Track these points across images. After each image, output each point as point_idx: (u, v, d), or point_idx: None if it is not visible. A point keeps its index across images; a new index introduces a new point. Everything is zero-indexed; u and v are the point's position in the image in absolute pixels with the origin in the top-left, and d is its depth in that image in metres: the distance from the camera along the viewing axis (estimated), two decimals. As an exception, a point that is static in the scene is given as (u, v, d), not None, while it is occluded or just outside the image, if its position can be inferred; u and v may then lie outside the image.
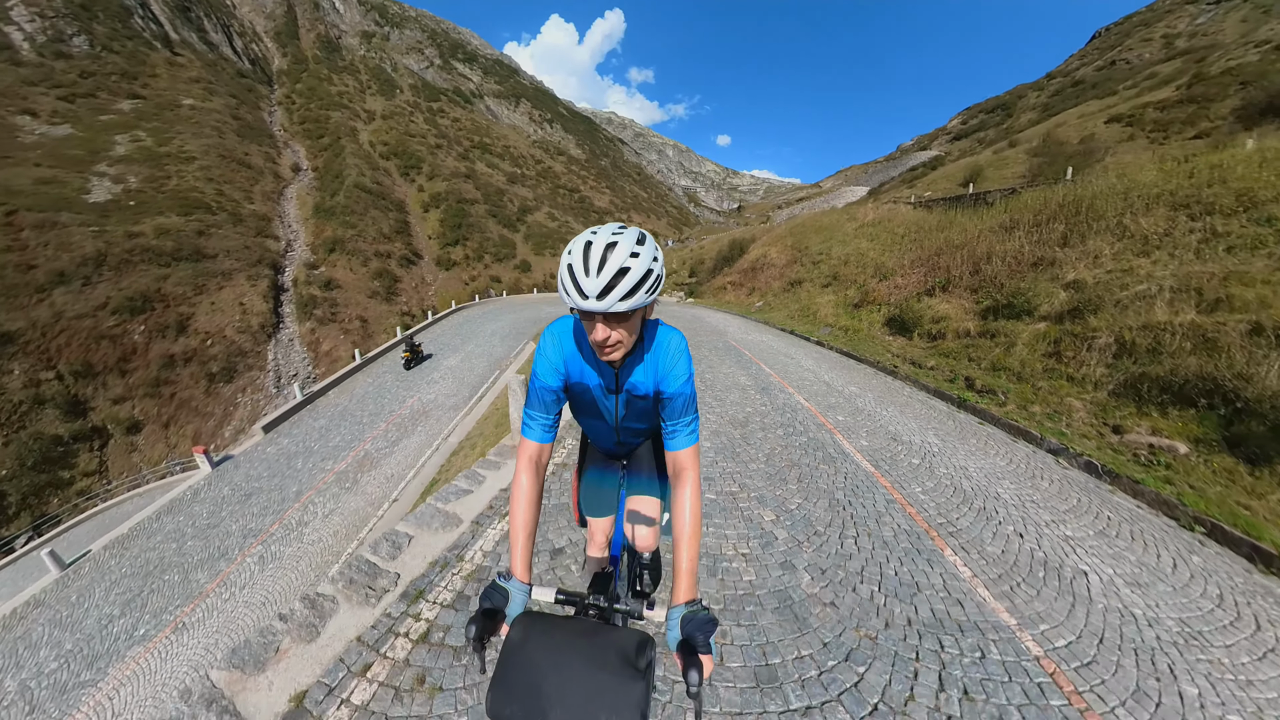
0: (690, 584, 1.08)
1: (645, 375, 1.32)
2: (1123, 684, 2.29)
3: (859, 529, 3.54)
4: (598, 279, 1.01)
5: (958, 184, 30.39)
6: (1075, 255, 8.45)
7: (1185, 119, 24.68)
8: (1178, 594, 3.02)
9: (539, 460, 1.28)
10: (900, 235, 17.50)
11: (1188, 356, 5.31)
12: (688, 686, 0.85)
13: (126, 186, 33.22)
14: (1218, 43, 48.24)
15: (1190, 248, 6.95)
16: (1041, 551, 3.38)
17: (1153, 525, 3.82)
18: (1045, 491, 4.30)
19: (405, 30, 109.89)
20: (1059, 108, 54.64)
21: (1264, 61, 26.42)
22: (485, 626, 0.99)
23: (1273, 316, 4.99)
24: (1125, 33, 74.51)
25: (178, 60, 56.60)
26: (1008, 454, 5.12)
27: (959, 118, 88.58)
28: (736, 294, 25.35)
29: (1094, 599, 2.91)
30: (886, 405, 6.72)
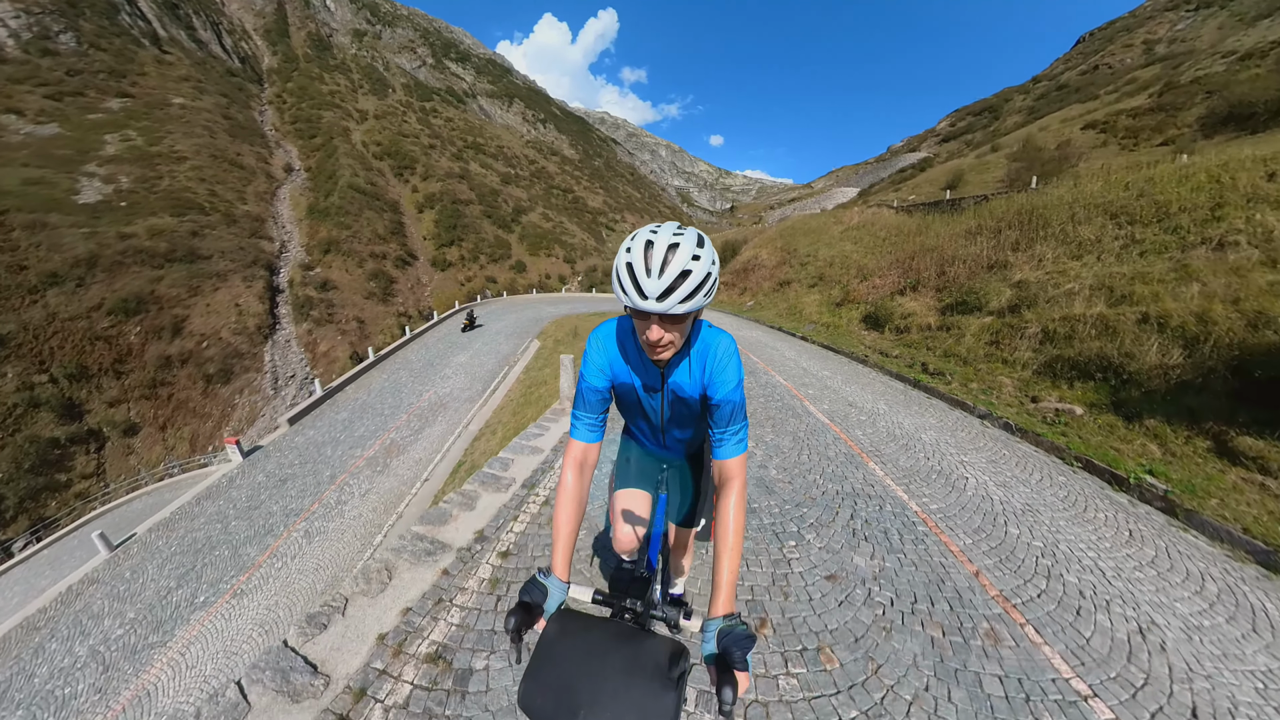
0: (730, 596, 1.04)
1: (691, 376, 1.29)
2: (971, 526, 3.65)
3: (812, 452, 4.97)
4: (659, 280, 1.00)
5: (940, 188, 31.12)
6: (1024, 259, 9.63)
7: (1154, 126, 25.53)
8: (1032, 491, 4.27)
9: (584, 460, 1.28)
10: (882, 238, 18.50)
11: (1093, 341, 6.50)
12: (720, 704, 0.82)
13: (118, 187, 32.89)
14: (1195, 49, 49.55)
15: (1114, 252, 8.11)
16: (940, 467, 4.68)
17: (1039, 461, 4.95)
18: (960, 439, 5.52)
19: (397, 29, 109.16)
20: (1044, 111, 55.78)
21: (1229, 72, 27.31)
22: (523, 619, 1.00)
23: (1158, 309, 6.17)
24: (1109, 38, 76.06)
25: (166, 58, 55.90)
26: (940, 417, 6.33)
27: (948, 120, 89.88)
28: (729, 294, 25.89)
29: (968, 490, 4.23)
30: (851, 384, 7.98)
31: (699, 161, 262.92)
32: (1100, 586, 3.04)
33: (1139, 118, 27.13)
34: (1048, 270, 8.69)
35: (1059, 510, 3.95)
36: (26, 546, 14.75)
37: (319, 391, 14.39)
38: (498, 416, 9.75)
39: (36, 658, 5.89)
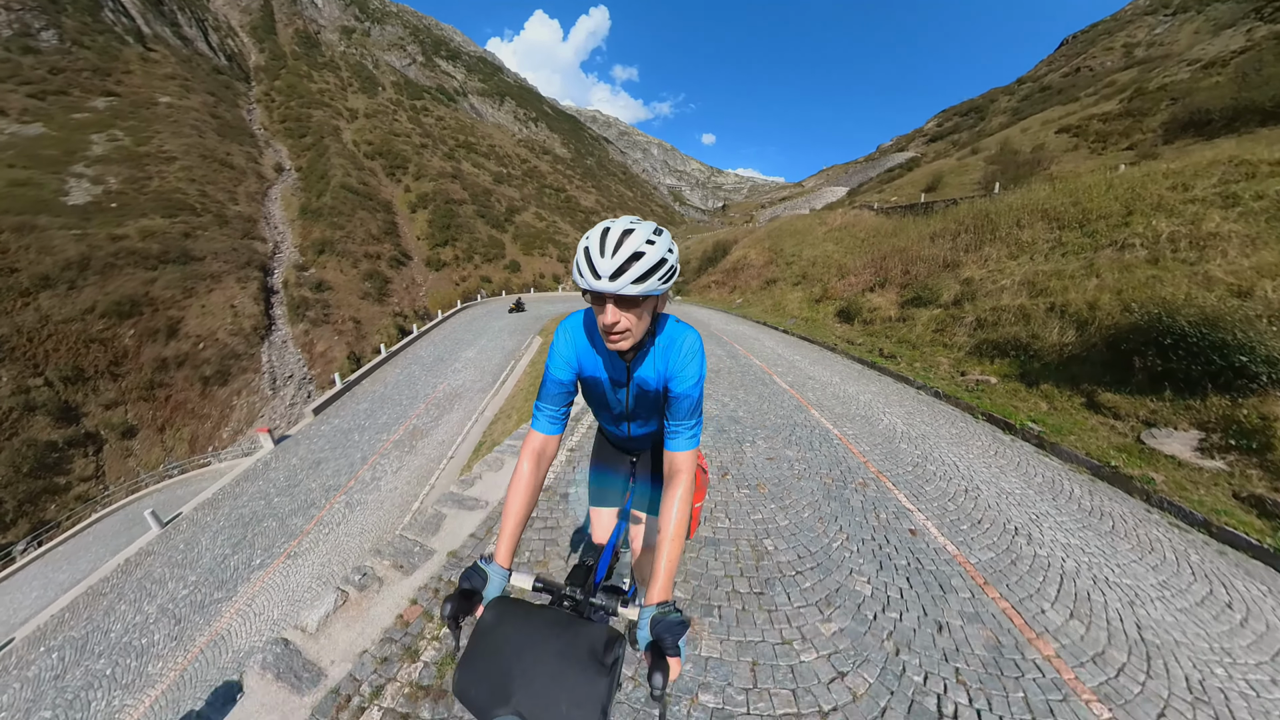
0: (666, 585, 1.06)
1: (655, 369, 1.30)
2: (873, 442, 5.23)
3: (771, 404, 6.59)
4: (612, 260, 1.02)
5: (921, 189, 32.00)
6: (973, 259, 11.05)
7: (1122, 131, 26.42)
8: (929, 429, 5.80)
9: (543, 451, 1.29)
10: (861, 239, 19.69)
11: (1011, 327, 7.95)
12: (651, 689, 0.85)
13: (107, 188, 32.60)
14: (1172, 52, 50.95)
15: (1044, 253, 9.40)
16: (865, 414, 6.27)
17: (951, 414, 6.45)
18: (890, 400, 7.03)
19: (386, 26, 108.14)
20: (1027, 112, 56.95)
21: (1192, 79, 28.24)
22: (460, 606, 1.00)
23: (1064, 299, 7.51)
24: (1090, 40, 77.60)
25: (151, 56, 55.11)
26: (883, 387, 7.81)
27: (935, 120, 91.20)
28: (720, 292, 26.64)
29: (880, 426, 5.78)
30: (815, 365, 9.43)
31: (691, 160, 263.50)
32: (950, 471, 4.56)
33: (1109, 122, 28.04)
34: (990, 269, 9.99)
35: (945, 439, 5.46)
36: (27, 550, 14.90)
37: (338, 384, 15.06)
38: (511, 403, 10.42)
39: (108, 617, 6.54)
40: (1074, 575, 3.12)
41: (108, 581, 7.25)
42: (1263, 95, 18.76)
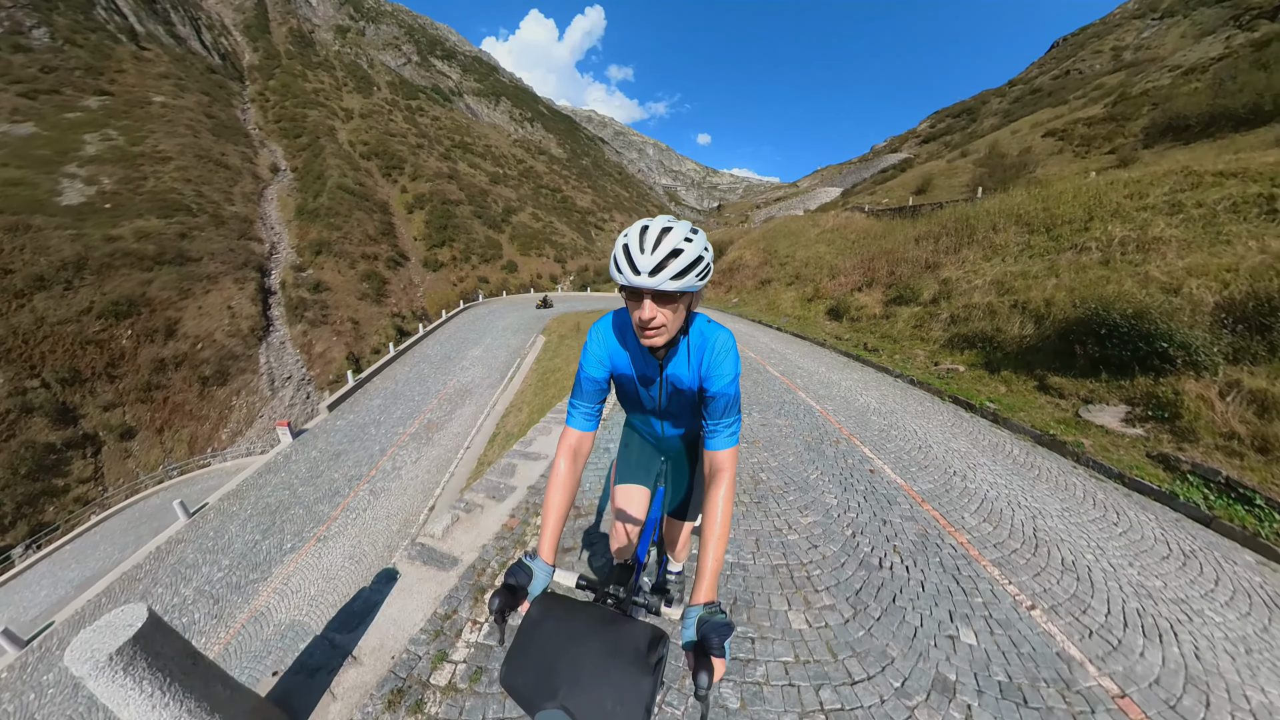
0: (712, 585, 1.06)
1: (689, 368, 1.32)
2: (848, 415, 6.10)
3: (764, 388, 7.51)
4: (652, 256, 1.04)
5: (911, 191, 32.45)
6: (952, 260, 11.85)
7: (1105, 135, 26.90)
8: (898, 406, 6.73)
9: (578, 448, 1.31)
10: (852, 241, 20.37)
11: (980, 322, 8.84)
12: (696, 688, 0.85)
13: (101, 188, 32.44)
14: (1158, 56, 51.78)
15: (1014, 255, 10.16)
16: (844, 395, 7.19)
17: (921, 396, 7.40)
18: (867, 385, 7.92)
19: (381, 25, 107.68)
20: (1018, 114, 57.67)
21: (1173, 85, 28.76)
22: (507, 601, 1.01)
23: (1026, 297, 8.42)
24: (1080, 44, 78.54)
25: (145, 55, 54.70)
26: (863, 375, 8.74)
27: (928, 121, 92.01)
28: (716, 292, 27.13)
29: (856, 404, 6.72)
30: (805, 358, 10.25)
31: (686, 160, 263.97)
32: (910, 435, 5.55)
33: (1093, 126, 28.55)
34: (965, 270, 10.79)
35: (910, 414, 6.48)
36: (26, 554, 14.95)
37: (351, 381, 15.45)
38: (520, 398, 10.81)
39: (146, 599, 6.76)
40: (993, 499, 4.09)
41: (140, 568, 7.55)
42: (1236, 102, 19.26)
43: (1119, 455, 4.90)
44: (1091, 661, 2.44)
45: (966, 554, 3.31)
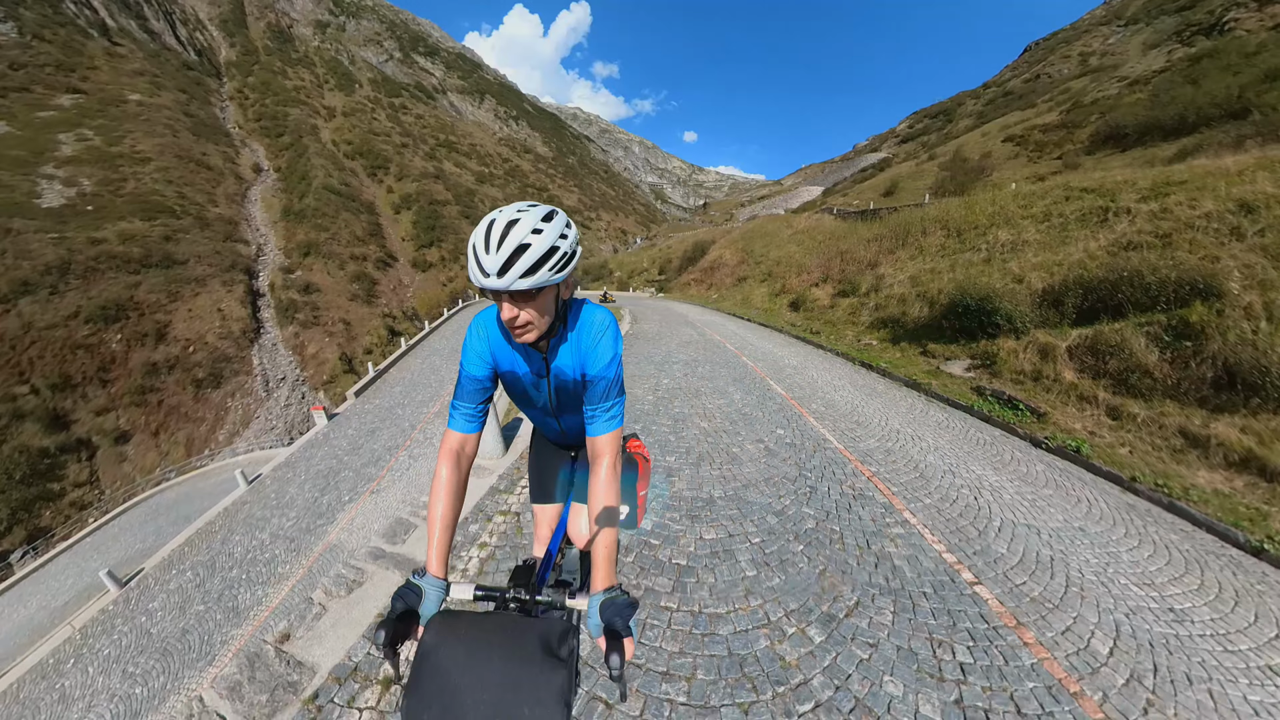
0: (609, 570, 1.06)
1: (571, 358, 1.28)
2: (780, 376, 8.18)
3: (721, 360, 9.11)
4: (496, 255, 0.97)
5: (881, 193, 33.85)
6: (889, 259, 13.95)
7: (1056, 141, 28.39)
8: (815, 365, 9.07)
9: (461, 451, 1.24)
10: (819, 241, 21.87)
11: (894, 308, 10.97)
12: (609, 670, 0.85)
13: (81, 190, 31.90)
14: (1121, 61, 54.15)
15: (932, 255, 12.07)
16: (783, 365, 8.98)
17: (838, 361, 9.53)
18: (803, 357, 9.94)
19: (362, 20, 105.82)
20: (991, 116, 59.60)
21: (1119, 95, 30.35)
22: (397, 631, 0.93)
23: (928, 288, 10.37)
24: (1050, 48, 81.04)
25: (118, 50, 53.29)
26: (802, 351, 10.77)
27: (907, 121, 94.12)
28: (698, 289, 28.39)
29: (788, 367, 8.78)
30: (760, 340, 12.18)
31: (672, 158, 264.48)
32: (809, 379, 7.71)
33: (1048, 133, 30.08)
34: (895, 267, 12.85)
35: (818, 369, 8.83)
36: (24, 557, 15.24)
37: (372, 372, 16.78)
38: None
39: (226, 545, 7.88)
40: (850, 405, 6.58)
41: (214, 524, 8.53)
42: (1166, 114, 20.70)
43: (953, 389, 7.21)
44: (890, 487, 4.17)
45: (816, 429, 5.58)
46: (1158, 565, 3.18)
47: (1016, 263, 9.12)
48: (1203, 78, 22.76)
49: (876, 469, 4.46)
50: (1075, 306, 6.94)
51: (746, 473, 4.26)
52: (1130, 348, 5.57)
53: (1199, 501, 3.84)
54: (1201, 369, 4.92)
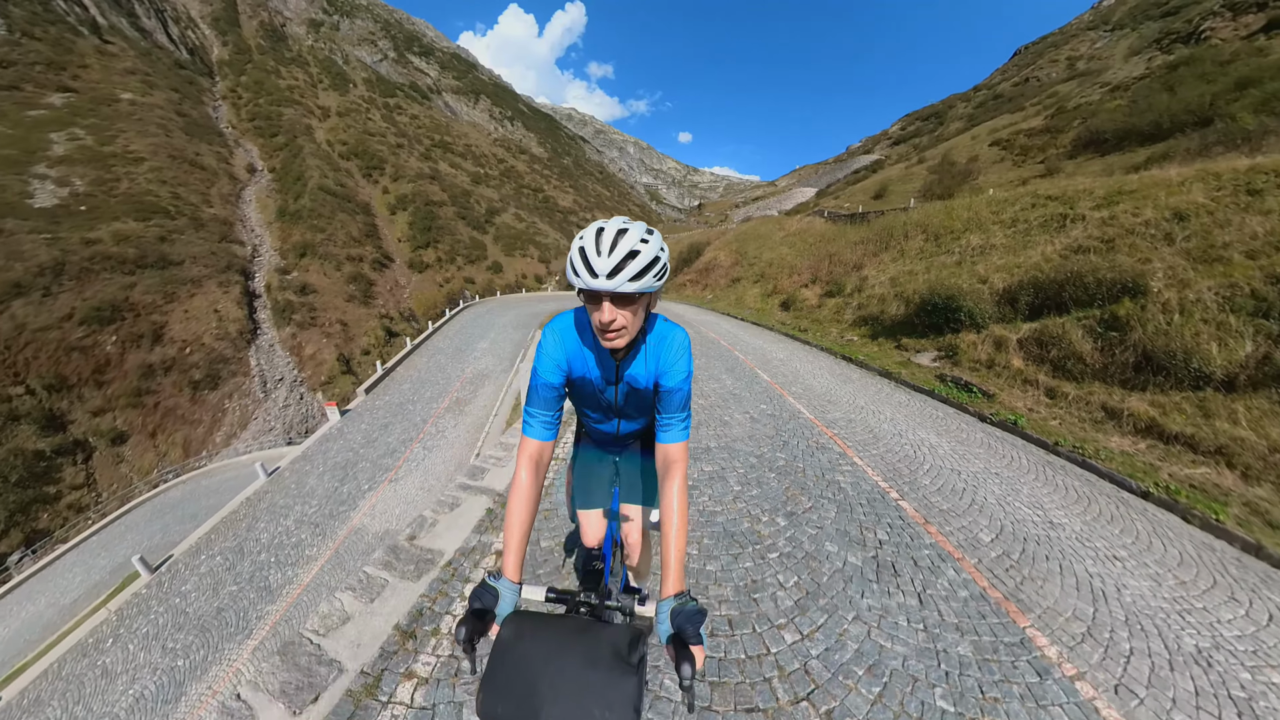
0: (679, 576, 1.07)
1: (646, 368, 1.33)
2: (769, 367, 9.15)
3: (715, 351, 10.45)
4: (609, 258, 1.03)
5: (871, 196, 34.43)
6: (873, 262, 14.79)
7: (1040, 146, 28.96)
8: (801, 361, 9.85)
9: (539, 459, 1.27)
10: (810, 243, 22.74)
11: (875, 307, 11.82)
12: (680, 679, 0.86)
13: (74, 190, 31.72)
14: (1106, 66, 55.17)
15: (912, 257, 12.99)
16: (771, 358, 9.96)
17: (820, 355, 10.44)
18: (789, 351, 10.72)
19: (356, 20, 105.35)
20: (981, 119, 60.46)
21: (1101, 101, 30.94)
22: (475, 627, 0.97)
23: (905, 288, 11.18)
24: (1039, 52, 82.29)
25: (109, 49, 52.82)
26: (789, 346, 11.72)
27: (900, 123, 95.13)
28: (694, 289, 28.94)
29: (775, 360, 9.81)
30: (751, 337, 13.20)
31: (667, 159, 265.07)
32: (793, 370, 8.85)
33: (1032, 137, 30.69)
34: (878, 269, 13.73)
35: (802, 361, 9.66)
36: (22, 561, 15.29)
37: (379, 370, 17.35)
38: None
39: (252, 531, 8.26)
40: (825, 389, 7.53)
41: (237, 513, 8.87)
42: (1142, 121, 21.30)
43: (919, 376, 8.19)
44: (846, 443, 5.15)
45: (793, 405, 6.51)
46: (1052, 498, 4.03)
47: (983, 265, 10.03)
48: (1179, 85, 23.42)
49: (838, 431, 5.58)
50: (1027, 304, 7.80)
51: (734, 433, 5.41)
52: (1069, 339, 6.41)
53: (1106, 459, 4.64)
54: (1124, 355, 5.74)
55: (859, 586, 2.85)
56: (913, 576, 2.97)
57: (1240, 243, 5.85)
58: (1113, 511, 3.86)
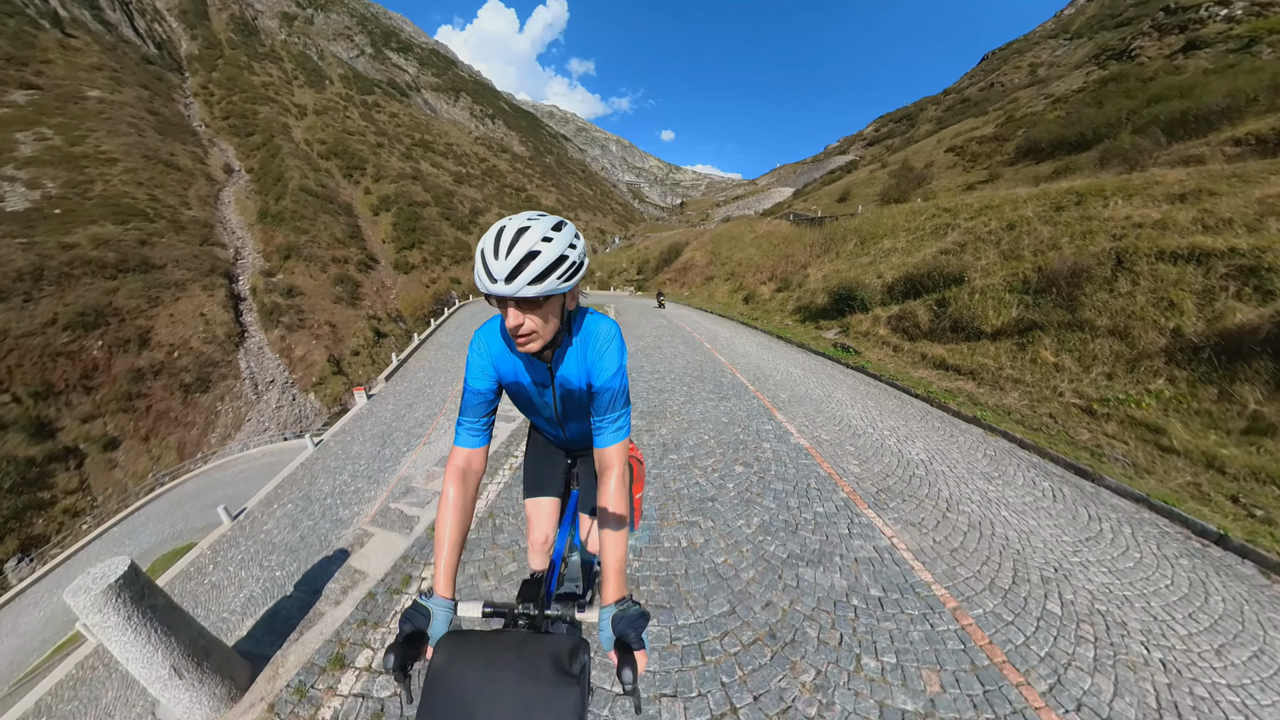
0: (619, 582, 1.07)
1: (577, 367, 1.29)
2: (722, 348, 11.23)
3: (684, 339, 12.20)
4: (505, 261, 0.99)
5: (836, 199, 36.35)
6: (817, 261, 17.62)
7: (988, 153, 30.98)
8: (742, 337, 12.96)
9: (468, 467, 1.24)
10: (775, 244, 25.48)
11: (809, 299, 14.75)
12: (623, 685, 0.87)
13: (45, 192, 31.19)
14: (1065, 74, 58.28)
15: (845, 258, 15.62)
16: (715, 334, 13.41)
17: (758, 335, 13.72)
18: (743, 336, 13.22)
19: (331, 14, 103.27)
20: (949, 121, 63.20)
21: (1044, 111, 33.05)
22: (407, 653, 0.94)
23: (832, 283, 13.82)
24: (1004, 58, 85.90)
25: (72, 43, 51.21)
26: (743, 332, 13.99)
27: (874, 125, 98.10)
28: (672, 287, 30.94)
29: (737, 345, 11.79)
30: (717, 326, 15.41)
31: (649, 157, 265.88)
32: (735, 345, 11.40)
33: (983, 144, 32.76)
34: (818, 268, 16.43)
35: (742, 339, 12.57)
36: (20, 565, 15.66)
37: (394, 361, 18.71)
38: None
39: (314, 486, 9.69)
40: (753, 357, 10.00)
41: (294, 475, 10.45)
42: (1071, 133, 23.37)
43: (821, 345, 10.79)
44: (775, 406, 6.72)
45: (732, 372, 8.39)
46: (851, 392, 7.36)
47: (884, 264, 12.93)
48: (1106, 100, 25.42)
49: (738, 366, 8.83)
50: (900, 292, 10.47)
51: (677, 365, 8.80)
52: (916, 315, 9.16)
53: (910, 382, 7.41)
54: (944, 323, 8.49)
55: (712, 396, 6.65)
56: (738, 397, 6.67)
57: (1032, 246, 8.33)
58: (893, 405, 6.68)
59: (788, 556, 3.12)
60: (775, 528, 3.45)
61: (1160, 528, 3.65)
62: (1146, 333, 5.53)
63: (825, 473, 4.35)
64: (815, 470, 4.40)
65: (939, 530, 3.50)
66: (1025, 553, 3.29)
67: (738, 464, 4.51)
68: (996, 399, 6.19)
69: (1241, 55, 23.85)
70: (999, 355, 7.03)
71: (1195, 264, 5.62)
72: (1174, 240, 5.99)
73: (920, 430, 5.62)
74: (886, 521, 3.58)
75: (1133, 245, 6.37)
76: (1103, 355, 5.80)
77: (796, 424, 5.60)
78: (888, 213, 16.30)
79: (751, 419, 5.71)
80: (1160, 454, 4.39)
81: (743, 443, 4.99)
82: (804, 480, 4.20)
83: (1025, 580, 3.00)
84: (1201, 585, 3.07)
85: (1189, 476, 4.04)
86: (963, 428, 5.74)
